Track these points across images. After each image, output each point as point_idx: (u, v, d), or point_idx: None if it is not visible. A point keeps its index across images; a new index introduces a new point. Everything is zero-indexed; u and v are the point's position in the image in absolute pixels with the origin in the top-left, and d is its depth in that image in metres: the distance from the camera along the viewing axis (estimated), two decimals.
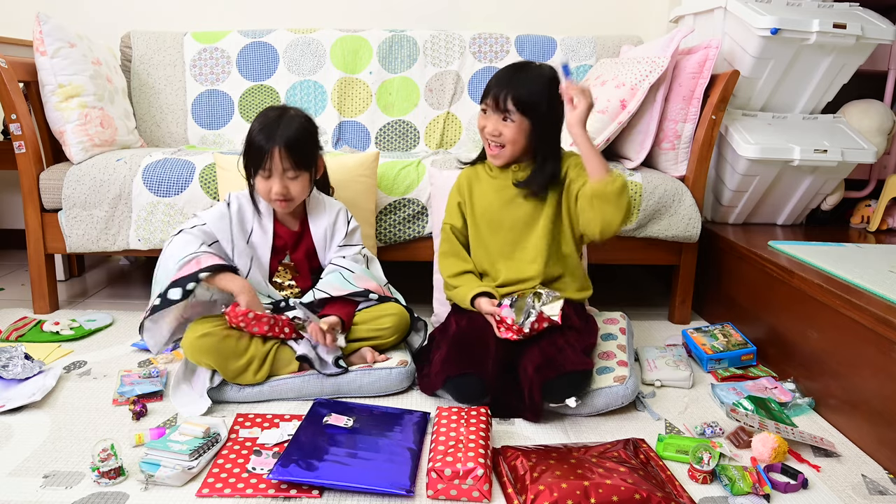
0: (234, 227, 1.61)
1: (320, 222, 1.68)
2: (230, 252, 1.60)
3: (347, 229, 1.69)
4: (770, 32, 1.96)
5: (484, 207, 1.65)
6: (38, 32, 1.95)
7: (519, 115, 1.51)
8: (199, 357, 1.45)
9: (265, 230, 1.64)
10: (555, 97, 1.50)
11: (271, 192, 1.54)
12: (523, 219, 1.61)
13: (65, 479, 1.18)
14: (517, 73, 1.53)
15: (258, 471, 1.19)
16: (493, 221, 1.64)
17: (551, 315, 1.48)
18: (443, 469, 1.14)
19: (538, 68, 1.55)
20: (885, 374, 1.30)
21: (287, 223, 1.67)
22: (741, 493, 1.16)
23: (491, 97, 1.53)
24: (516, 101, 1.50)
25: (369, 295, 1.62)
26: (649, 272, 2.70)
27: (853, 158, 2.05)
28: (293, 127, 1.53)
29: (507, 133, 1.53)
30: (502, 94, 1.51)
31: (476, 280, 1.63)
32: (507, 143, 1.55)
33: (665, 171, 2.06)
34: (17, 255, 2.74)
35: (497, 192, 1.63)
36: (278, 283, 1.67)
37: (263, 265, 1.65)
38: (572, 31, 2.61)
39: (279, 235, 1.66)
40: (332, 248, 1.69)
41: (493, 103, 1.53)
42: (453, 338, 1.53)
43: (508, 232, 1.62)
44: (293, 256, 1.67)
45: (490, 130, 1.55)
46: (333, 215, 1.69)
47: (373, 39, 2.53)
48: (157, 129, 2.48)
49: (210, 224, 1.59)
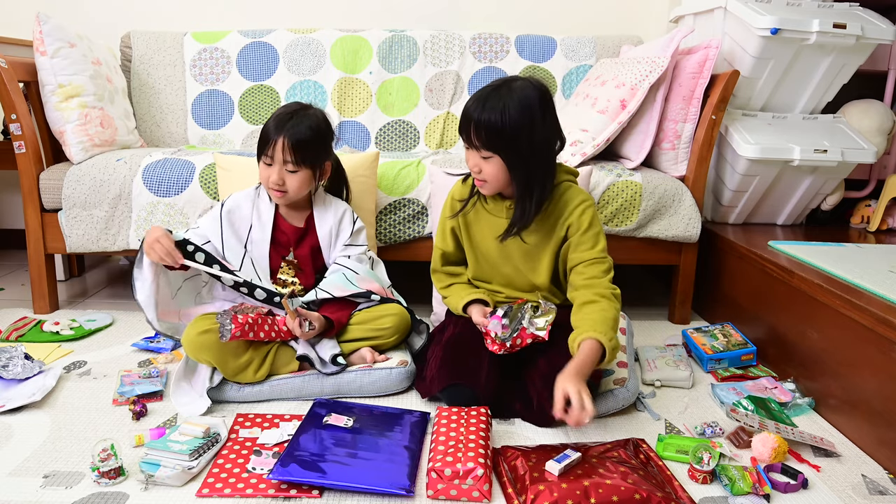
0: (224, 228, 1.63)
1: (326, 221, 1.68)
2: (221, 249, 1.62)
3: (353, 229, 1.70)
4: (770, 32, 1.96)
5: (478, 241, 1.60)
6: (38, 32, 1.95)
7: (491, 153, 1.39)
8: (199, 354, 1.45)
9: (264, 224, 1.65)
10: (533, 124, 1.36)
11: (269, 180, 1.57)
12: (518, 256, 1.55)
13: (65, 479, 1.18)
14: (485, 105, 1.36)
15: (258, 471, 1.19)
16: (488, 256, 1.60)
17: (536, 331, 1.44)
18: (443, 469, 1.14)
19: (510, 91, 1.36)
20: (885, 374, 1.30)
21: (291, 219, 1.68)
22: (741, 493, 1.16)
23: (464, 133, 1.41)
24: (484, 140, 1.37)
25: (371, 296, 1.63)
26: (649, 272, 2.70)
27: (853, 158, 2.05)
28: (304, 124, 1.56)
29: (486, 169, 1.42)
30: (472, 131, 1.38)
31: (467, 288, 1.63)
32: (489, 179, 1.43)
33: (665, 171, 2.07)
34: (17, 255, 2.74)
35: (488, 227, 1.56)
36: (282, 281, 1.68)
37: (262, 261, 1.65)
38: (572, 31, 2.61)
39: (282, 230, 1.66)
40: (338, 247, 1.69)
41: (466, 138, 1.41)
42: (446, 344, 1.52)
43: (506, 264, 1.58)
44: (296, 252, 1.67)
45: (471, 166, 1.44)
46: (339, 215, 1.70)
47: (373, 39, 2.53)
48: (157, 129, 2.48)
49: (203, 228, 1.63)
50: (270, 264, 1.65)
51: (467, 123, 1.40)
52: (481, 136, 1.38)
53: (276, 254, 1.66)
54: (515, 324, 1.47)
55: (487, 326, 1.47)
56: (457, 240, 1.64)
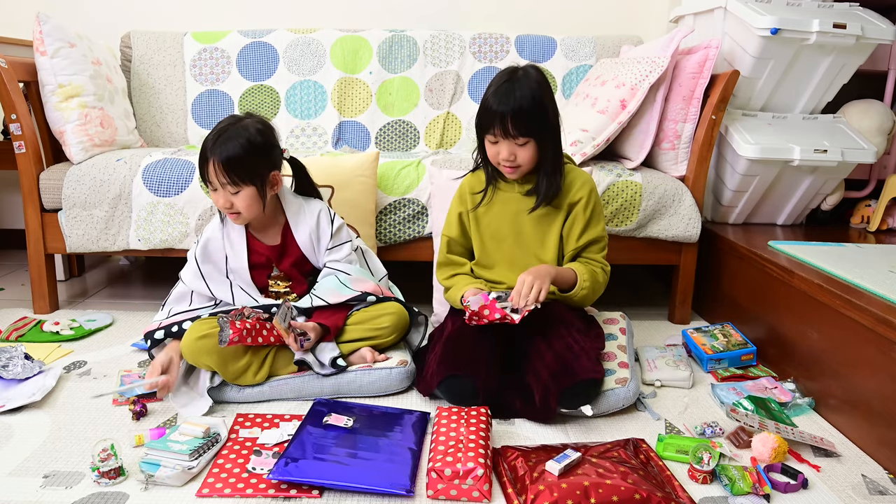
0: (203, 268, 1.60)
1: (302, 229, 1.63)
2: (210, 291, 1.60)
3: (332, 230, 1.64)
4: (770, 32, 1.95)
5: (489, 220, 1.64)
6: (38, 32, 1.95)
7: (528, 138, 1.49)
8: (198, 358, 1.45)
9: (237, 252, 1.61)
10: (550, 100, 1.51)
11: (218, 204, 1.53)
12: (529, 232, 1.61)
13: (65, 479, 1.18)
14: (512, 93, 1.46)
15: (258, 471, 1.19)
16: (497, 234, 1.63)
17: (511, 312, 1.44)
18: (443, 469, 1.14)
19: (525, 77, 1.49)
20: (885, 374, 1.30)
21: (265, 238, 1.63)
22: (741, 493, 1.16)
23: (498, 126, 1.47)
24: (523, 128, 1.46)
25: (367, 298, 1.62)
26: (649, 272, 2.70)
27: (853, 158, 2.05)
28: (233, 141, 1.47)
29: (522, 155, 1.50)
30: (509, 123, 1.46)
31: (468, 279, 1.63)
32: (524, 164, 1.52)
33: (665, 171, 2.07)
34: (17, 255, 2.74)
35: (502, 205, 1.62)
36: (274, 293, 1.66)
37: (248, 284, 1.61)
38: (572, 31, 2.61)
39: (256, 252, 1.62)
40: (321, 248, 1.65)
41: (500, 132, 1.48)
42: (447, 339, 1.53)
43: (513, 245, 1.62)
44: (280, 268, 1.65)
45: (505, 157, 1.51)
46: (315, 219, 1.64)
47: (373, 39, 2.53)
48: (157, 129, 2.48)
49: (188, 283, 1.60)
50: (257, 284, 1.62)
51: (498, 117, 1.47)
52: (519, 124, 1.46)
53: (258, 275, 1.63)
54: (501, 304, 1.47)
55: (469, 299, 1.47)
56: (463, 227, 1.67)
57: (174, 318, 1.55)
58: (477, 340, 1.49)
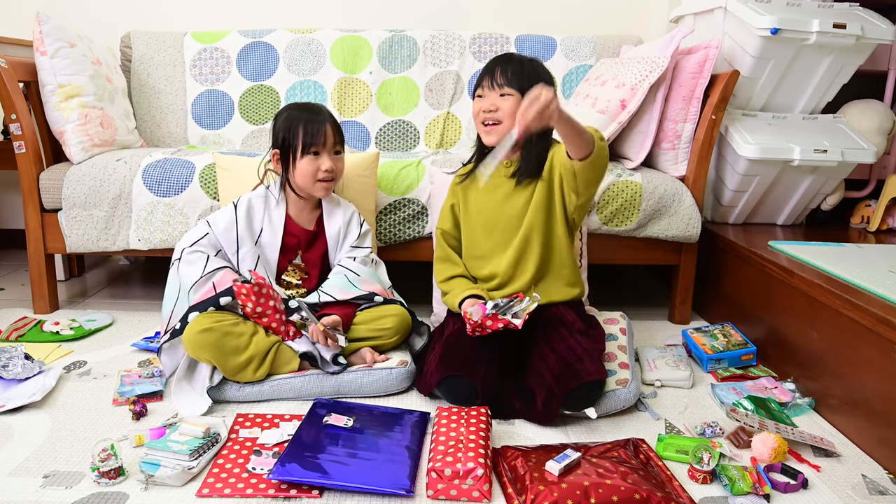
0: (241, 231, 1.63)
1: (335, 221, 1.70)
2: (234, 258, 1.62)
3: (360, 231, 1.72)
4: (770, 32, 1.96)
5: (479, 208, 1.65)
6: (38, 32, 1.95)
7: (514, 90, 1.53)
8: (198, 352, 1.45)
9: (275, 228, 1.65)
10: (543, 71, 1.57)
11: (319, 171, 1.59)
12: (517, 216, 1.60)
13: (65, 479, 1.18)
14: (509, 56, 1.58)
15: (258, 471, 1.19)
16: (487, 222, 1.63)
17: (512, 318, 1.43)
18: (443, 469, 1.14)
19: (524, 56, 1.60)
20: (885, 374, 1.30)
21: (301, 221, 1.69)
22: (741, 493, 1.16)
23: (486, 77, 1.57)
24: (509, 77, 1.53)
25: (374, 298, 1.63)
26: (649, 272, 2.70)
27: (853, 158, 2.05)
28: (326, 111, 1.63)
29: (504, 106, 1.54)
30: (498, 70, 1.55)
31: (466, 283, 1.63)
32: (504, 118, 1.54)
33: (665, 171, 2.06)
34: (17, 255, 2.74)
35: (490, 191, 1.63)
36: (286, 282, 1.68)
37: (271, 264, 1.66)
38: (572, 31, 2.61)
39: (292, 234, 1.67)
40: (344, 247, 1.71)
41: (488, 82, 1.56)
42: (447, 340, 1.53)
43: (502, 232, 1.62)
44: (305, 256, 1.68)
45: (486, 107, 1.55)
46: (348, 216, 1.72)
47: (373, 39, 2.53)
48: (157, 129, 2.48)
49: (216, 234, 1.62)
50: (277, 266, 1.67)
51: (488, 69, 1.57)
52: (507, 73, 1.54)
53: (283, 257, 1.67)
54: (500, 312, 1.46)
55: (468, 311, 1.47)
56: (455, 219, 1.70)
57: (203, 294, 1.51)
58: (477, 341, 1.49)
